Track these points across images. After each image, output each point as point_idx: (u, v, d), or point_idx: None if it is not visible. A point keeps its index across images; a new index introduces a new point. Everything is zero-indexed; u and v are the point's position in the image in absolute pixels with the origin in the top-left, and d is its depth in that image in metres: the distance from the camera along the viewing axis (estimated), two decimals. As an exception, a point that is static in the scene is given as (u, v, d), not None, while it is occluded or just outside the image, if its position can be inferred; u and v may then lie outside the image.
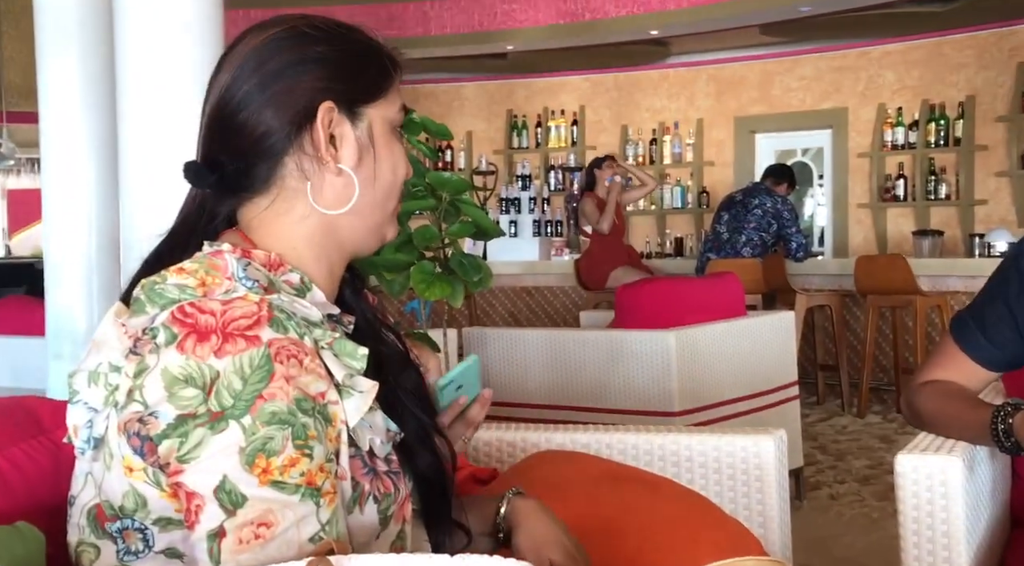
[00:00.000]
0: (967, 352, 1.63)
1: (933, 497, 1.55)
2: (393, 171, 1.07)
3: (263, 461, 0.87)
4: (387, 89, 1.06)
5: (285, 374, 0.89)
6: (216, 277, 0.95)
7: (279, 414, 0.88)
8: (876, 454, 4.84)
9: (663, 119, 8.57)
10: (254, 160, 1.01)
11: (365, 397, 0.96)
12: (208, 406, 0.87)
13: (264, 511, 0.88)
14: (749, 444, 1.80)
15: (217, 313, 0.91)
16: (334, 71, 1.02)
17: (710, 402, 3.56)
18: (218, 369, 0.88)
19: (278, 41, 1.02)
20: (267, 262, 1.00)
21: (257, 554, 0.87)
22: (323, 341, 0.96)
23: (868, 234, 7.72)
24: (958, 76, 7.35)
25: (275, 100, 1.00)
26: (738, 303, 3.98)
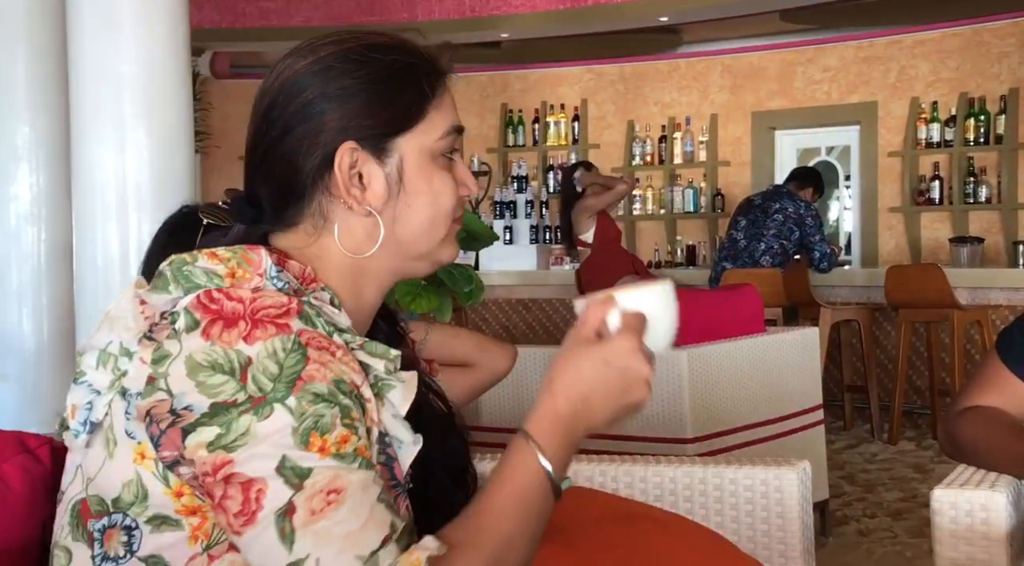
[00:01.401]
0: (1016, 372, 1.64)
1: (973, 537, 1.56)
2: (435, 203, 1.10)
3: (318, 439, 0.93)
4: (422, 114, 1.08)
5: (319, 360, 0.95)
6: (247, 271, 1.01)
7: (322, 395, 0.94)
8: (910, 485, 4.85)
9: (673, 114, 8.59)
10: (283, 200, 1.08)
11: (408, 386, 1.03)
12: (248, 392, 0.93)
13: (332, 478, 0.93)
14: (770, 477, 1.80)
15: (246, 301, 0.97)
16: (358, 107, 1.06)
17: (726, 428, 3.56)
18: (249, 355, 0.93)
19: (306, 76, 1.06)
20: (301, 275, 1.06)
21: (331, 519, 0.92)
22: (353, 343, 1.02)
23: (900, 241, 7.74)
24: (1000, 67, 7.38)
25: (299, 141, 1.05)
26: (756, 318, 3.99)
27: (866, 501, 4.63)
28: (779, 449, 3.69)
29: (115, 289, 3.37)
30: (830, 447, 4.97)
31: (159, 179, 3.41)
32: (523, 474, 1.01)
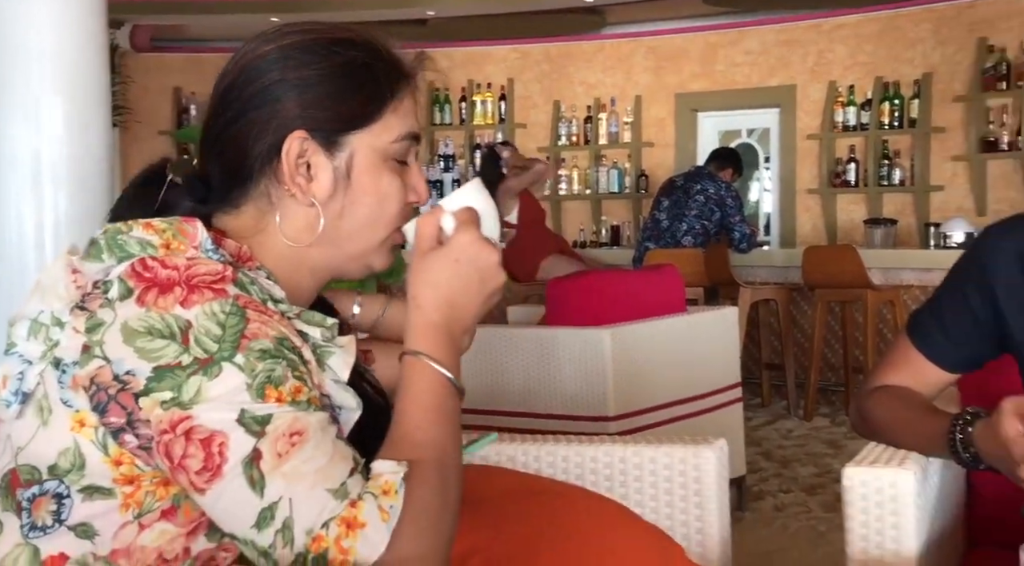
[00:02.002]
0: (925, 353, 1.66)
1: (883, 513, 1.59)
2: (379, 203, 1.11)
3: (273, 391, 0.95)
4: (379, 114, 1.09)
5: (259, 321, 0.97)
6: (182, 243, 1.02)
7: (268, 350, 0.96)
8: (823, 461, 4.95)
9: (599, 95, 8.62)
10: (231, 180, 1.09)
11: (347, 350, 1.05)
12: (192, 354, 0.94)
13: (292, 420, 0.96)
14: (688, 455, 1.82)
15: (180, 268, 0.98)
16: (313, 98, 1.06)
17: (647, 406, 3.60)
18: (187, 318, 0.95)
19: (267, 61, 1.07)
20: (236, 253, 1.06)
21: (298, 458, 0.95)
22: (289, 312, 1.03)
23: (817, 223, 7.87)
24: (914, 52, 7.51)
25: (251, 125, 1.06)
26: (678, 298, 4.03)
27: (782, 477, 4.72)
28: (699, 426, 3.74)
29: (31, 265, 3.29)
30: (748, 424, 5.05)
31: (75, 154, 3.33)
32: (427, 386, 1.05)
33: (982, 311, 1.60)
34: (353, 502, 0.95)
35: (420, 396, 1.05)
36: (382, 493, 0.97)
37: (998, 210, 7.04)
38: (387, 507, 0.96)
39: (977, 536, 1.93)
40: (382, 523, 0.95)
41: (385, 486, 0.97)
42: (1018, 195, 7.06)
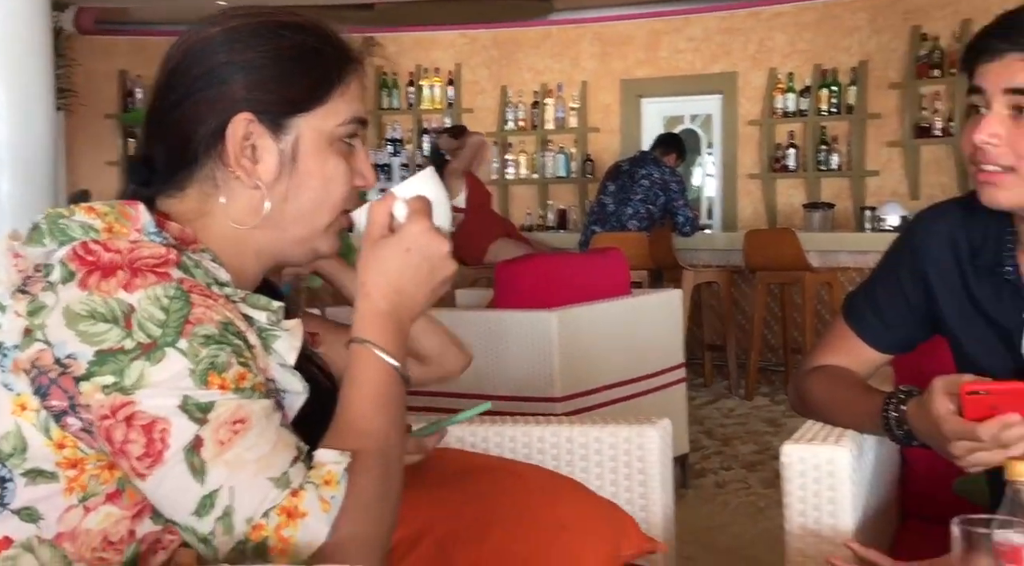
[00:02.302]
0: (860, 335, 1.69)
1: (820, 488, 1.62)
2: (324, 186, 1.10)
3: (217, 377, 0.94)
4: (326, 98, 1.08)
5: (203, 305, 0.96)
6: (125, 226, 1.00)
7: (213, 336, 0.95)
8: (763, 439, 5.02)
9: (545, 81, 8.62)
10: (175, 162, 1.07)
11: (293, 334, 1.04)
12: (136, 339, 0.92)
13: (235, 408, 0.94)
14: (633, 435, 1.84)
15: (123, 251, 0.96)
16: (259, 80, 1.05)
17: (593, 386, 3.62)
18: (130, 302, 0.93)
19: (213, 44, 1.05)
20: (180, 235, 1.04)
21: (241, 446, 0.94)
22: (235, 296, 1.02)
23: (758, 207, 7.95)
24: (851, 40, 7.60)
25: (197, 106, 1.05)
26: (623, 280, 4.06)
27: (723, 454, 4.78)
28: (643, 406, 3.77)
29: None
30: (691, 403, 5.10)
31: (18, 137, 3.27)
32: (373, 375, 1.05)
33: (914, 295, 1.63)
34: (295, 491, 0.95)
35: (365, 385, 1.05)
36: (324, 483, 0.96)
37: (931, 194, 7.16)
38: (328, 497, 0.96)
39: (910, 510, 1.97)
40: (323, 513, 0.95)
41: (327, 476, 0.97)
42: (950, 180, 7.19)
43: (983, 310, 1.56)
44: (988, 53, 1.44)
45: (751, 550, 3.48)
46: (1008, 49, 1.42)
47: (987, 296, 1.55)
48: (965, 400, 1.36)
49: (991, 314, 1.55)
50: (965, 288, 1.58)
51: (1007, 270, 1.52)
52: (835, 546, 1.60)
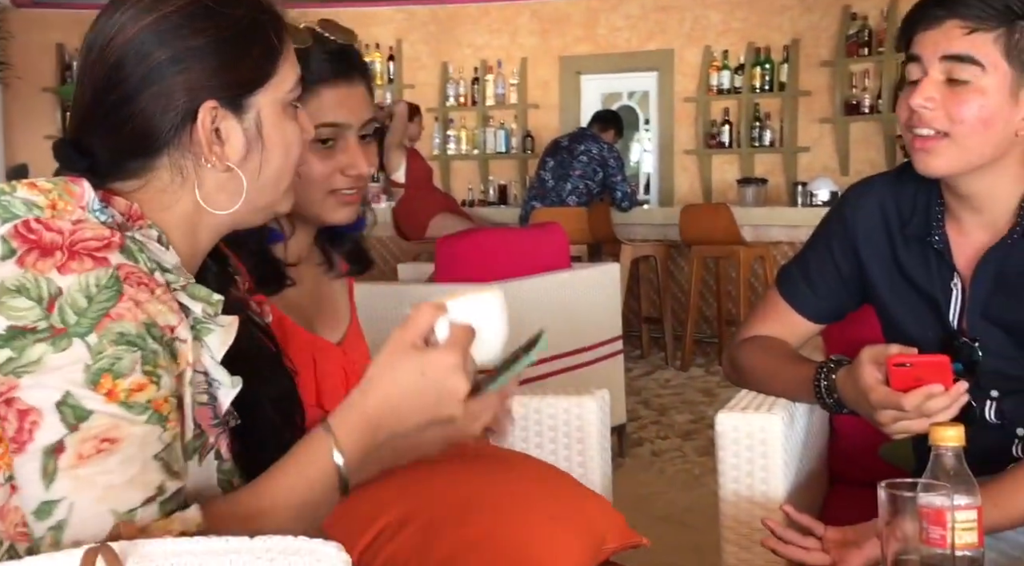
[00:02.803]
0: (792, 304, 1.71)
1: (753, 456, 1.64)
2: (286, 153, 1.08)
3: (109, 381, 0.89)
4: (274, 69, 1.05)
5: (134, 298, 0.91)
6: (69, 203, 0.96)
7: (127, 335, 0.90)
8: (698, 408, 5.07)
9: (485, 57, 8.57)
10: (129, 155, 1.02)
11: (227, 331, 1.00)
12: (50, 322, 0.88)
13: (110, 426, 0.89)
14: (572, 406, 1.84)
15: (65, 232, 0.92)
16: (214, 66, 1.01)
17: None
18: (60, 286, 0.89)
19: (156, 35, 1.00)
20: (127, 211, 1.01)
21: (97, 467, 0.88)
22: (176, 284, 0.98)
23: (694, 182, 8.00)
24: (783, 18, 7.66)
25: (153, 100, 1.00)
26: (563, 254, 4.06)
27: (660, 424, 4.82)
28: (582, 377, 3.79)
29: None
30: (628, 374, 5.15)
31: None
32: (313, 464, 1.00)
33: (845, 265, 1.65)
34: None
35: (300, 470, 0.99)
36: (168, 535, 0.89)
37: (860, 170, 7.26)
38: None
39: (839, 475, 2.01)
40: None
41: (165, 527, 0.90)
42: (878, 156, 7.30)
43: (911, 279, 1.58)
44: (926, 21, 1.45)
45: (686, 516, 3.52)
46: (946, 16, 1.43)
47: (915, 265, 1.58)
48: (891, 371, 1.39)
49: (919, 282, 1.57)
50: (894, 257, 1.60)
51: (935, 239, 1.55)
52: (767, 511, 1.63)
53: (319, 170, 1.44)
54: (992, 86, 1.43)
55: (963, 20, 1.43)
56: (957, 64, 1.43)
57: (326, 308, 1.58)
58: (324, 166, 1.44)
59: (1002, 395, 1.53)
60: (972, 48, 1.42)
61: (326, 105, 1.43)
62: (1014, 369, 1.51)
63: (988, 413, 1.54)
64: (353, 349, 1.58)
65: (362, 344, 1.63)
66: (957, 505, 1.11)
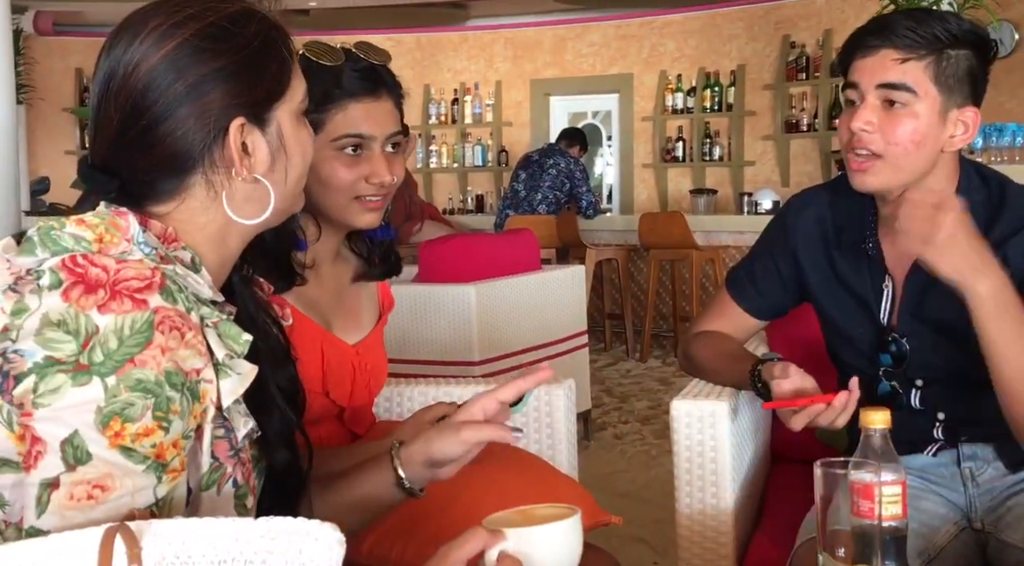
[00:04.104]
0: (739, 303, 1.72)
1: (704, 438, 1.65)
2: (303, 158, 1.05)
3: (118, 425, 0.85)
4: (289, 82, 1.02)
5: (163, 345, 0.87)
6: (115, 236, 0.92)
7: (145, 382, 0.86)
8: (656, 396, 5.08)
9: (464, 80, 8.56)
10: (161, 174, 0.98)
11: (243, 379, 0.95)
12: (78, 358, 0.84)
13: (104, 474, 0.85)
14: (542, 393, 1.84)
15: (110, 270, 0.88)
16: (239, 84, 0.98)
17: (508, 351, 3.63)
18: (98, 324, 0.85)
19: (179, 59, 0.96)
20: (162, 234, 0.97)
21: (86, 514, 0.85)
22: (209, 319, 0.94)
23: (652, 192, 8.03)
24: (731, 46, 7.70)
25: (185, 120, 0.96)
26: (534, 257, 4.06)
27: (621, 410, 4.83)
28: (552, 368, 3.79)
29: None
30: (593, 365, 5.15)
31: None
32: None
33: (785, 269, 1.66)
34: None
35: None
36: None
37: (799, 181, 7.31)
38: None
39: (780, 455, 2.02)
40: None
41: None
42: (815, 169, 7.34)
43: (845, 282, 1.59)
44: (863, 49, 1.45)
45: (646, 492, 3.53)
46: (881, 45, 1.43)
47: (849, 269, 1.59)
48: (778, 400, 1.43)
49: (852, 285, 1.58)
50: (830, 262, 1.61)
51: (869, 246, 1.56)
52: (717, 488, 1.64)
53: (345, 177, 1.42)
54: (923, 110, 1.43)
55: (896, 50, 1.43)
56: (892, 91, 1.43)
57: (347, 311, 1.55)
58: (350, 174, 1.42)
59: (926, 384, 1.54)
60: (905, 76, 1.42)
61: (353, 118, 1.42)
62: (938, 360, 1.53)
63: (913, 400, 1.55)
64: (368, 352, 1.55)
65: (379, 352, 1.60)
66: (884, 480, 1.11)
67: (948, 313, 1.48)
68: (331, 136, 1.41)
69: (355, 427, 1.54)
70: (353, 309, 1.57)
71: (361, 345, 1.54)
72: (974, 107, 1.46)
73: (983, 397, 1.51)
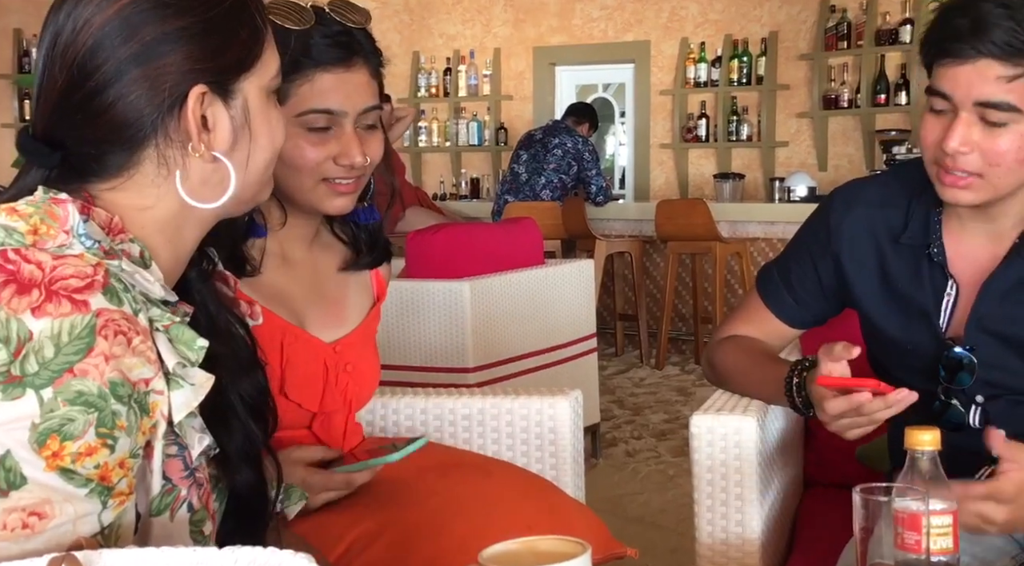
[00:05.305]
0: (772, 309, 1.72)
1: (727, 458, 1.65)
2: (271, 141, 1.04)
3: (56, 443, 0.84)
4: (260, 53, 1.02)
5: (106, 352, 0.86)
6: (52, 227, 0.91)
7: (87, 395, 0.85)
8: (673, 408, 5.09)
9: (458, 47, 8.56)
10: (109, 146, 0.97)
11: (197, 391, 0.94)
12: (10, 368, 0.83)
13: (42, 500, 0.84)
14: (544, 406, 1.85)
15: (45, 267, 0.87)
16: (203, 48, 0.97)
17: (505, 357, 3.63)
18: (31, 329, 0.84)
19: (138, 14, 0.95)
20: (107, 224, 0.96)
21: (20, 545, 0.84)
22: (160, 322, 0.93)
23: (670, 176, 8.02)
24: (761, 10, 7.69)
25: (136, 85, 0.95)
26: (536, 250, 4.07)
27: (634, 423, 4.84)
28: (555, 376, 3.80)
29: None
30: (602, 373, 5.16)
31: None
32: None
33: (826, 275, 1.65)
34: None
35: None
36: None
37: (838, 165, 7.32)
38: None
39: (815, 478, 2.03)
40: None
41: None
42: (856, 151, 7.34)
43: (900, 288, 1.58)
44: (956, 55, 1.39)
45: (660, 518, 3.54)
46: (979, 54, 1.37)
47: (906, 274, 1.58)
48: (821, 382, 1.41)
49: (909, 292, 1.58)
50: (882, 267, 1.60)
51: (934, 251, 1.55)
52: (742, 514, 1.64)
53: (311, 156, 1.41)
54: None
55: (999, 63, 1.36)
56: (993, 111, 1.38)
57: (326, 304, 1.55)
58: (316, 153, 1.41)
59: (986, 400, 1.55)
60: (1010, 95, 1.38)
61: (321, 90, 1.40)
62: (1004, 375, 1.53)
63: (972, 418, 1.56)
64: (350, 350, 1.54)
65: (366, 350, 1.59)
66: (932, 510, 1.12)
67: (1019, 325, 1.49)
68: (296, 110, 1.39)
69: (325, 436, 1.54)
70: (335, 302, 1.56)
71: (341, 342, 1.53)
72: None
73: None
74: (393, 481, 1.50)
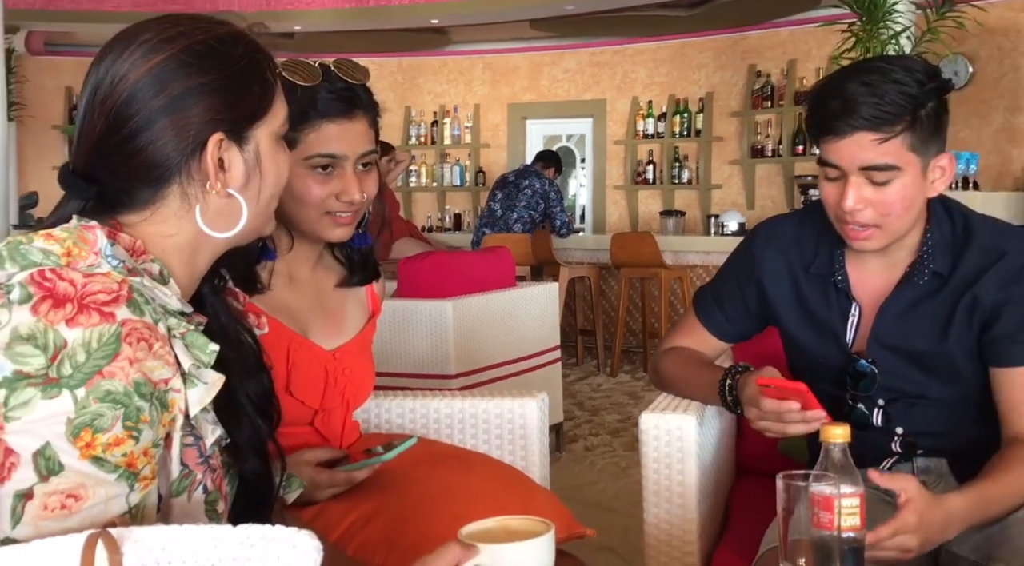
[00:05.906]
0: (706, 326, 1.72)
1: (671, 451, 1.65)
2: (278, 179, 1.04)
3: (88, 435, 0.84)
4: (271, 105, 1.02)
5: (131, 356, 0.86)
6: (83, 250, 0.91)
7: (114, 393, 0.85)
8: (625, 409, 5.08)
9: (444, 102, 8.58)
10: (139, 183, 0.97)
11: (209, 389, 0.94)
12: (48, 371, 0.83)
13: (77, 484, 0.84)
14: (515, 406, 1.84)
15: (77, 284, 0.87)
16: (222, 101, 0.97)
17: (483, 365, 3.62)
18: (66, 338, 0.84)
19: (165, 71, 0.96)
20: (131, 247, 0.96)
21: (60, 523, 0.83)
22: (177, 330, 0.93)
23: (623, 213, 8.06)
24: (699, 74, 7.76)
25: (164, 132, 0.95)
26: (509, 274, 4.06)
27: (592, 423, 4.82)
28: (525, 382, 3.79)
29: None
30: (565, 379, 5.15)
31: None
32: None
33: (751, 297, 1.66)
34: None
35: None
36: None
37: (764, 204, 7.37)
38: None
39: (744, 467, 2.02)
40: None
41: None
42: (779, 193, 7.40)
43: (812, 310, 1.59)
44: (835, 133, 1.39)
45: (615, 503, 3.53)
46: (852, 128, 1.37)
47: (817, 298, 1.59)
48: (760, 388, 1.41)
49: (820, 313, 1.59)
50: (797, 292, 1.61)
51: (838, 279, 1.56)
52: (683, 499, 1.64)
53: (317, 193, 1.42)
54: (908, 177, 1.40)
55: (872, 132, 1.37)
56: (875, 172, 1.39)
57: (327, 317, 1.55)
58: (321, 190, 1.42)
59: (887, 403, 1.56)
60: (886, 156, 1.38)
61: (326, 138, 1.41)
62: (901, 381, 1.54)
63: (875, 418, 1.56)
64: (348, 357, 1.54)
65: (362, 357, 1.59)
66: (843, 493, 1.12)
67: (913, 339, 1.50)
68: (304, 154, 1.41)
69: (326, 432, 1.53)
70: (335, 315, 1.56)
71: (340, 350, 1.54)
72: (947, 153, 1.45)
73: (941, 411, 1.53)
74: (387, 471, 1.49)
